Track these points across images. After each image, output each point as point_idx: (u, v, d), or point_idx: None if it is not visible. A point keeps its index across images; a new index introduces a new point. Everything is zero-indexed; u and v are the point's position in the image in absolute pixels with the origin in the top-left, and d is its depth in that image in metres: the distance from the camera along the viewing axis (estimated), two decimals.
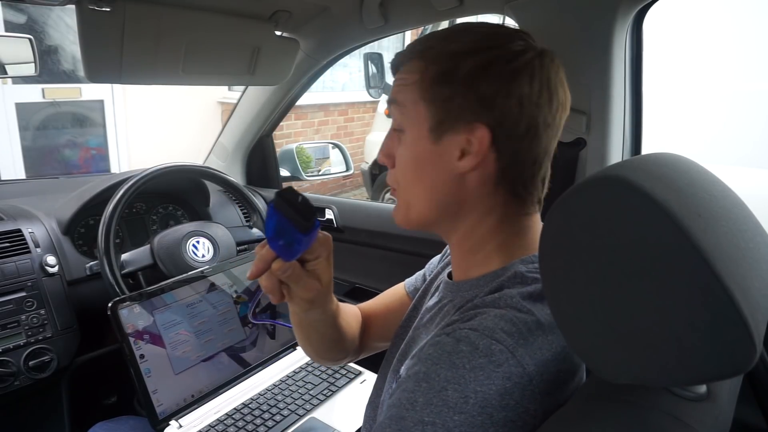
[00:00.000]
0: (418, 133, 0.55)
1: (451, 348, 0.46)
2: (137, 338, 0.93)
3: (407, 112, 0.56)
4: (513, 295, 0.50)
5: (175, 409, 0.94)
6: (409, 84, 0.55)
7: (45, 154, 3.54)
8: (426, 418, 0.43)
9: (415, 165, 0.56)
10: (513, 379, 0.44)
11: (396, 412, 0.46)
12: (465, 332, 0.47)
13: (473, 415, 0.43)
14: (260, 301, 1.14)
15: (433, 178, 0.56)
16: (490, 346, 0.45)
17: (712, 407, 0.40)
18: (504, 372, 0.44)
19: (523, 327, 0.47)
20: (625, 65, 0.89)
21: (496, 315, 0.48)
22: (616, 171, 0.37)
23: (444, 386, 0.44)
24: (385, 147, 0.60)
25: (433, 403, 0.44)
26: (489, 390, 0.43)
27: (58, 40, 3.40)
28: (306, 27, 1.26)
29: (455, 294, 0.59)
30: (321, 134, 4.94)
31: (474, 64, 0.52)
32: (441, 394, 0.44)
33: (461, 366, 0.44)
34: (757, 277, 0.34)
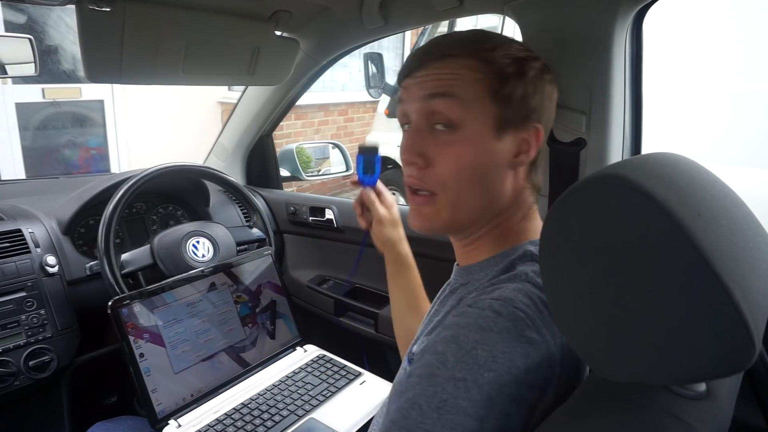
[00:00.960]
0: (481, 130, 0.56)
1: (476, 314, 0.49)
2: (137, 337, 0.93)
3: (469, 107, 0.55)
4: (527, 271, 0.53)
5: (174, 409, 0.94)
6: (469, 80, 0.55)
7: (45, 154, 3.54)
8: (458, 374, 0.45)
9: (474, 162, 0.56)
10: (535, 346, 0.47)
11: (426, 371, 0.48)
12: (488, 302, 0.49)
13: (501, 374, 0.45)
14: (261, 301, 1.14)
15: (492, 176, 0.57)
16: (514, 313, 0.48)
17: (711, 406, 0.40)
18: (527, 338, 0.47)
19: (538, 301, 0.50)
20: (625, 65, 0.89)
21: (515, 288, 0.51)
22: (617, 170, 0.37)
23: (474, 346, 0.46)
24: (416, 145, 0.58)
25: (464, 361, 0.46)
26: (514, 352, 0.46)
27: (58, 40, 3.40)
28: (306, 27, 1.26)
29: (466, 277, 0.62)
30: (321, 134, 4.94)
31: (537, 69, 0.58)
32: (471, 353, 0.46)
33: (488, 329, 0.47)
34: (756, 276, 0.35)
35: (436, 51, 0.58)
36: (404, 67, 0.61)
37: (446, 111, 0.56)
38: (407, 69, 0.60)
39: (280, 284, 1.19)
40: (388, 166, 4.10)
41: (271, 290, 1.17)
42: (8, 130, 3.25)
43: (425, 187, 0.58)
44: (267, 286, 1.16)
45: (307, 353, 1.16)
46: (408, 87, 0.60)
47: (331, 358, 1.14)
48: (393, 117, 3.93)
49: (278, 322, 1.16)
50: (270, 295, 1.16)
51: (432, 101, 0.56)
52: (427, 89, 0.57)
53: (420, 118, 0.58)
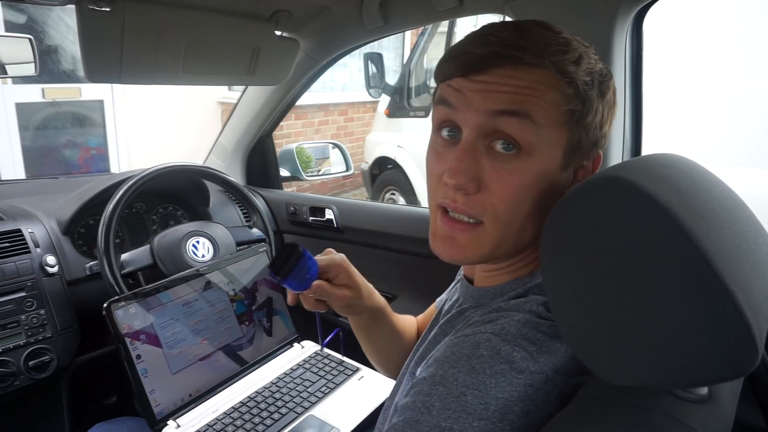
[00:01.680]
0: (550, 159, 0.48)
1: (470, 351, 0.44)
2: (133, 338, 0.92)
3: (543, 132, 0.46)
4: (538, 301, 0.48)
5: (172, 409, 0.94)
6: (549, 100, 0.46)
7: (45, 154, 3.54)
8: (443, 423, 0.41)
9: (536, 194, 0.48)
10: (535, 386, 0.43)
11: (411, 415, 0.44)
12: (486, 336, 0.45)
13: (494, 422, 0.41)
14: (257, 298, 1.14)
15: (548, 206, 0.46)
16: (512, 353, 0.43)
17: (713, 409, 0.40)
18: (526, 379, 0.42)
19: (544, 333, 0.45)
20: (625, 65, 0.88)
21: (519, 320, 0.46)
22: (618, 172, 0.37)
23: (463, 391, 0.42)
24: (470, 168, 0.47)
25: (451, 408, 0.42)
26: (510, 397, 0.41)
27: (58, 40, 3.40)
28: (306, 27, 1.26)
29: (477, 300, 0.57)
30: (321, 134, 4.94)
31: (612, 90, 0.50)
32: (459, 400, 0.42)
33: (481, 371, 0.42)
34: (759, 279, 0.34)
35: (506, 53, 0.46)
36: (459, 62, 0.48)
37: (516, 134, 0.46)
38: (464, 66, 0.48)
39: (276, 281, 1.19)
40: (388, 166, 4.10)
41: (267, 287, 1.17)
42: (8, 130, 3.25)
43: (471, 214, 0.49)
44: (263, 284, 1.16)
45: (304, 349, 1.16)
46: (463, 91, 0.48)
47: (329, 353, 1.14)
48: (393, 117, 3.93)
49: (275, 319, 1.16)
50: (266, 292, 1.16)
51: (499, 118, 0.46)
52: (494, 103, 0.46)
53: (478, 134, 0.47)
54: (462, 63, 0.48)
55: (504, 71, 0.46)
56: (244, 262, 1.15)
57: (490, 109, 0.46)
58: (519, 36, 0.47)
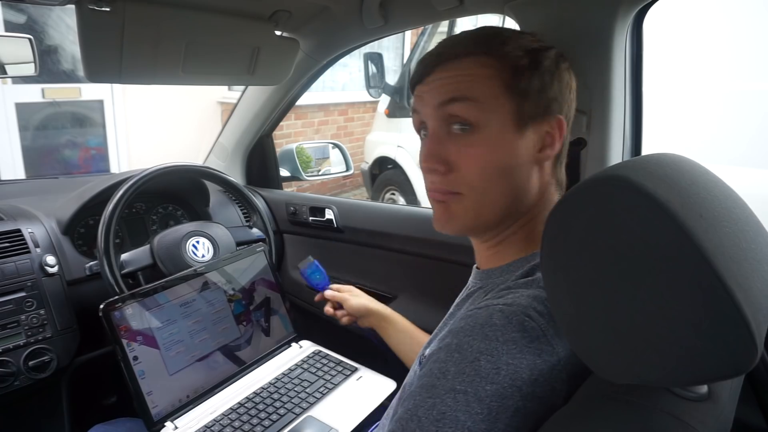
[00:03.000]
0: (502, 127, 0.54)
1: (483, 321, 0.47)
2: (130, 340, 0.92)
3: (486, 107, 0.54)
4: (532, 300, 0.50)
5: (170, 411, 0.94)
6: (483, 78, 0.54)
7: (45, 154, 3.54)
8: (458, 386, 0.44)
9: (498, 161, 0.55)
10: (543, 357, 0.45)
11: (427, 381, 0.47)
12: (498, 307, 0.48)
13: (504, 386, 0.43)
14: (255, 298, 1.14)
15: (517, 173, 0.55)
16: (523, 322, 0.46)
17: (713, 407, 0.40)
18: (536, 348, 0.45)
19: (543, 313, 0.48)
20: (625, 65, 0.88)
21: (530, 295, 0.49)
22: (618, 171, 0.37)
23: (477, 357, 0.45)
24: (437, 151, 0.56)
25: (465, 372, 0.44)
26: (520, 363, 0.44)
27: (58, 40, 3.40)
28: (306, 27, 1.26)
29: (485, 281, 0.60)
30: (321, 134, 4.94)
31: (552, 59, 0.57)
32: (473, 364, 0.44)
33: (494, 338, 0.45)
34: (758, 277, 0.34)
35: (445, 52, 0.56)
36: (415, 74, 0.59)
37: (463, 114, 0.54)
38: (418, 75, 0.58)
39: (274, 281, 1.19)
40: (388, 166, 4.11)
41: (265, 287, 1.17)
42: (8, 130, 3.25)
43: (450, 190, 0.57)
44: (261, 283, 1.16)
45: (302, 349, 1.16)
46: (421, 95, 0.58)
47: (327, 353, 1.13)
48: (393, 117, 3.93)
49: (273, 319, 1.16)
50: (264, 292, 1.16)
51: (448, 106, 0.55)
52: (441, 95, 0.55)
53: (436, 123, 0.57)
54: (418, 73, 0.59)
55: (448, 67, 0.56)
56: (241, 261, 1.14)
57: (439, 101, 0.56)
58: (455, 38, 0.58)
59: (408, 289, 1.32)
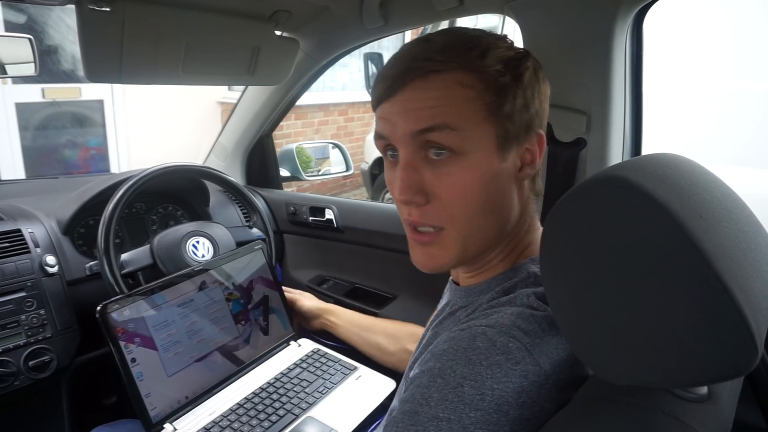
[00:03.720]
0: (484, 154, 0.49)
1: (466, 344, 0.45)
2: (128, 341, 0.92)
3: (468, 134, 0.48)
4: (528, 294, 0.50)
5: (169, 412, 0.93)
6: (464, 101, 0.48)
7: (45, 154, 3.54)
8: (441, 413, 0.42)
9: (481, 188, 0.50)
10: (530, 378, 0.44)
11: (409, 408, 0.45)
12: (481, 329, 0.46)
13: (489, 412, 0.42)
14: (253, 297, 1.14)
15: (500, 198, 0.51)
16: (507, 344, 0.44)
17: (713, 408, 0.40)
18: (521, 370, 0.43)
19: (538, 326, 0.47)
20: (625, 65, 0.88)
21: (513, 313, 0.47)
22: (618, 171, 0.37)
23: (460, 382, 0.43)
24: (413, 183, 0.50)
25: (448, 399, 0.43)
26: (506, 388, 0.43)
27: (58, 40, 3.40)
28: (306, 27, 1.26)
29: (465, 299, 0.58)
30: (321, 134, 4.93)
31: (531, 70, 0.51)
32: (457, 390, 0.43)
33: (478, 362, 0.44)
34: (758, 278, 0.34)
35: (415, 65, 0.48)
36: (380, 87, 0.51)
37: (443, 141, 0.48)
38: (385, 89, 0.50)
39: (272, 279, 1.19)
40: None
41: (263, 285, 1.16)
42: (8, 130, 3.25)
43: (430, 223, 0.52)
44: (259, 282, 1.16)
45: (301, 348, 1.16)
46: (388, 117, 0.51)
47: (326, 352, 1.13)
48: None
49: (271, 318, 1.15)
50: (262, 290, 1.16)
51: (424, 135, 0.48)
52: (416, 122, 0.48)
53: (410, 150, 0.50)
54: (383, 87, 0.51)
55: (419, 85, 0.48)
56: (239, 260, 1.14)
57: (415, 129, 0.49)
58: (424, 47, 0.49)
59: (408, 289, 1.32)
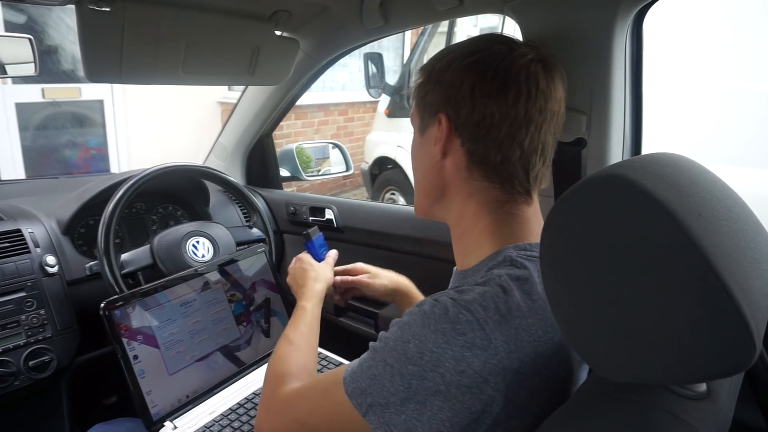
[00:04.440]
0: (416, 133, 0.66)
1: (428, 309, 0.51)
2: (130, 339, 0.92)
3: (414, 119, 0.66)
4: (501, 275, 0.54)
5: (169, 410, 0.94)
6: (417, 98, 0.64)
7: (45, 154, 3.54)
8: (389, 359, 0.51)
9: (414, 159, 0.67)
10: (475, 350, 0.48)
11: (376, 345, 0.54)
12: (445, 299, 0.52)
13: (426, 370, 0.48)
14: (255, 299, 1.14)
15: (423, 168, 0.65)
16: (458, 315, 0.49)
17: (712, 406, 0.40)
18: (466, 341, 0.48)
19: (502, 306, 0.50)
20: (625, 65, 0.89)
21: (480, 291, 0.52)
22: (617, 170, 0.37)
23: (408, 339, 0.51)
24: None
25: (396, 350, 0.51)
26: (445, 353, 0.48)
27: (58, 40, 3.40)
28: (306, 27, 1.26)
29: (461, 281, 0.62)
30: (321, 134, 4.94)
31: (442, 63, 0.60)
32: (405, 345, 0.51)
33: (427, 326, 0.50)
34: (757, 276, 0.35)
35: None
36: None
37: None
38: None
39: (275, 281, 1.19)
40: (388, 166, 4.11)
41: (266, 288, 1.17)
42: (8, 130, 3.25)
43: None
44: (261, 284, 1.16)
45: None
46: None
47: (327, 355, 1.13)
48: (393, 117, 3.93)
49: (273, 320, 1.16)
50: (264, 292, 1.16)
51: None
52: None
53: None
54: None
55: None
56: (242, 262, 1.15)
57: None
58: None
59: None
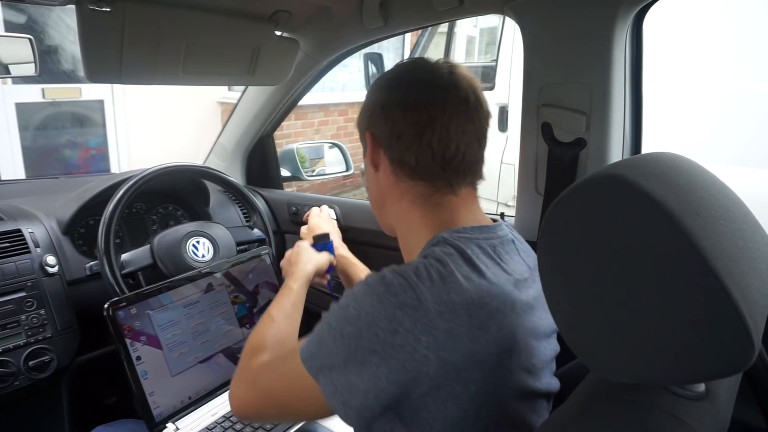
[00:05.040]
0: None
1: (370, 279, 0.57)
2: (134, 340, 0.92)
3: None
4: (435, 250, 0.59)
5: (171, 411, 0.94)
6: None
7: (45, 154, 3.54)
8: (332, 322, 0.56)
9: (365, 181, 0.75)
10: (406, 309, 0.52)
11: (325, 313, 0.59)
12: (385, 271, 0.57)
13: (362, 330, 0.53)
14: (258, 301, 1.14)
15: (368, 184, 0.73)
16: (393, 280, 0.55)
17: (710, 406, 0.40)
18: (398, 301, 0.53)
19: (435, 273, 0.55)
20: (625, 65, 0.89)
21: (417, 262, 0.57)
22: (615, 170, 0.37)
23: (350, 303, 0.56)
24: None
25: (338, 314, 0.56)
26: (378, 313, 0.53)
27: (58, 40, 3.40)
28: (306, 27, 1.26)
29: None
30: (321, 134, 4.94)
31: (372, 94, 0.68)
32: (346, 309, 0.56)
33: (365, 292, 0.55)
34: (755, 275, 0.35)
35: None
36: None
37: None
38: None
39: (278, 284, 1.19)
40: None
41: (269, 290, 1.17)
42: (8, 130, 3.25)
43: None
44: (264, 286, 1.16)
45: None
46: None
47: None
48: None
49: None
50: (268, 294, 1.16)
51: None
52: None
53: None
54: None
55: None
56: (245, 264, 1.15)
57: None
58: None
59: None
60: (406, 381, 0.52)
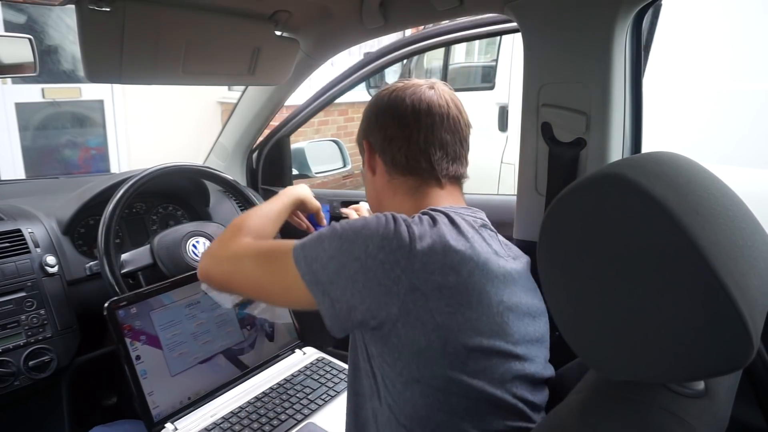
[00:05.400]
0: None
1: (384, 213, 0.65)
2: (134, 339, 0.92)
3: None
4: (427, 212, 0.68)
5: (171, 412, 0.94)
6: None
7: (45, 154, 3.54)
8: (338, 227, 0.65)
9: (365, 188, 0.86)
10: (398, 238, 0.61)
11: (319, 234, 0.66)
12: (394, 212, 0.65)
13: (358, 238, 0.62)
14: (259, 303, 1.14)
15: (366, 190, 0.85)
16: (384, 217, 0.64)
17: (710, 404, 0.40)
18: (389, 229, 0.62)
19: (426, 222, 0.64)
20: (625, 65, 0.89)
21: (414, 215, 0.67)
22: (615, 169, 0.37)
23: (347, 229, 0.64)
24: None
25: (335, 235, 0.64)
26: (377, 232, 0.62)
27: (58, 40, 3.40)
28: (306, 27, 1.26)
29: None
30: (321, 134, 4.94)
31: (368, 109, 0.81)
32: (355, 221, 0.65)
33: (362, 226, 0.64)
34: (755, 274, 0.35)
35: None
36: None
37: None
38: None
39: None
40: None
41: None
42: (8, 130, 3.25)
43: None
44: None
45: (306, 356, 1.16)
46: None
47: (330, 360, 1.13)
48: None
49: (277, 325, 1.16)
50: None
51: None
52: None
53: None
54: None
55: None
56: None
57: None
58: None
59: None
60: (377, 294, 0.60)
